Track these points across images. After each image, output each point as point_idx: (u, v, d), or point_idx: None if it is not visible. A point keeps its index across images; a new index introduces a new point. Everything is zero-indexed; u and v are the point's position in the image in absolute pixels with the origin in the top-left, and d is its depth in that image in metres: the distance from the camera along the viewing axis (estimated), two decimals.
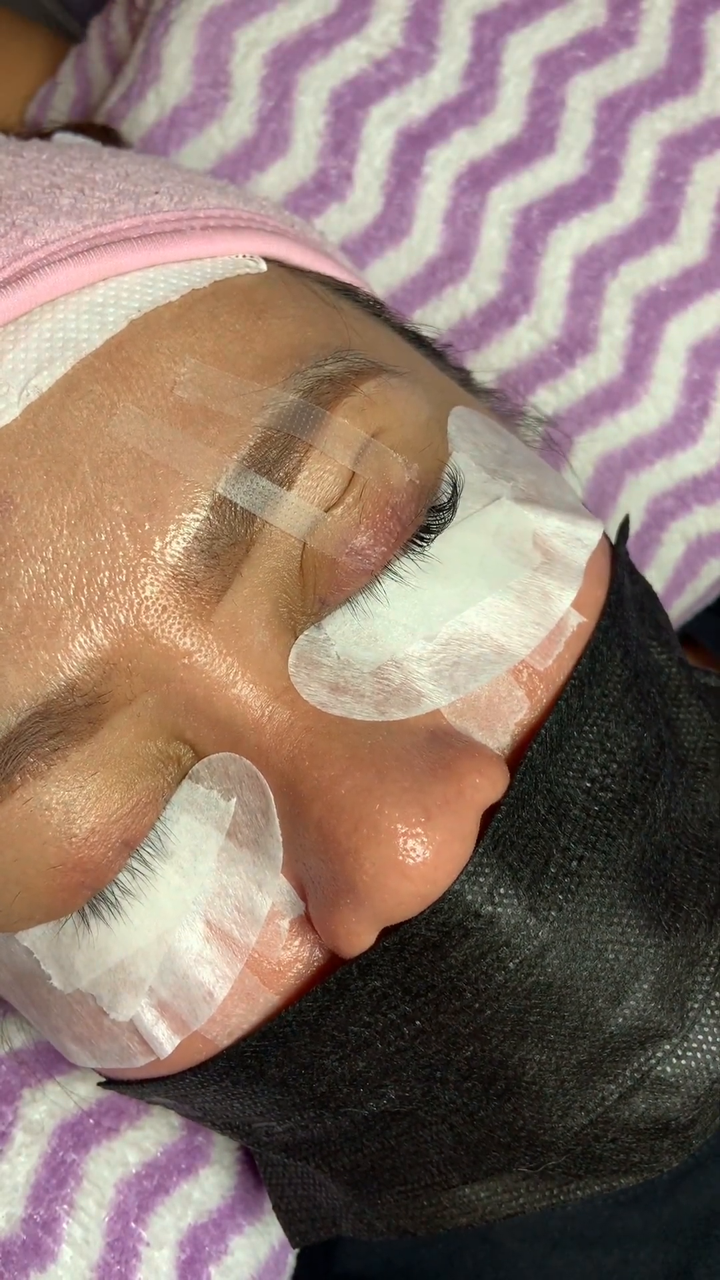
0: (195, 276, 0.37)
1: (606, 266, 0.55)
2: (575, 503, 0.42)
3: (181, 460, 0.34)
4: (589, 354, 0.56)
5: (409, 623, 0.36)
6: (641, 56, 0.56)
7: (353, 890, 0.33)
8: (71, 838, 0.35)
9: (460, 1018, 0.35)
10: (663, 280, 0.55)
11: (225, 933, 0.36)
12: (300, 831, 0.35)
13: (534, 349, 0.56)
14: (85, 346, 0.35)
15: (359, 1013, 0.35)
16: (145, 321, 0.36)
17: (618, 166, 0.55)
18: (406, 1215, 0.40)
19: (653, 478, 0.57)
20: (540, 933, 0.34)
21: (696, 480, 0.57)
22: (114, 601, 0.34)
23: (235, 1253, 0.49)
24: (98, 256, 0.36)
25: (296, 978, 0.36)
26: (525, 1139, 0.37)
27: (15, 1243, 0.45)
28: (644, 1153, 0.37)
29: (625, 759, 0.37)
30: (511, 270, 0.56)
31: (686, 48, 0.56)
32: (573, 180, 0.55)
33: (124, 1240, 0.46)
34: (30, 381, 0.35)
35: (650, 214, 0.55)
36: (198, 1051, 0.37)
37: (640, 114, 0.55)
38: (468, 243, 0.56)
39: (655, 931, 0.36)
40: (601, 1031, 0.36)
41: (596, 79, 0.56)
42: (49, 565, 0.34)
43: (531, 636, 0.37)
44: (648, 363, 0.56)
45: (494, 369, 0.57)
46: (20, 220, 0.37)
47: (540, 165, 0.55)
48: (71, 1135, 0.47)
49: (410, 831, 0.33)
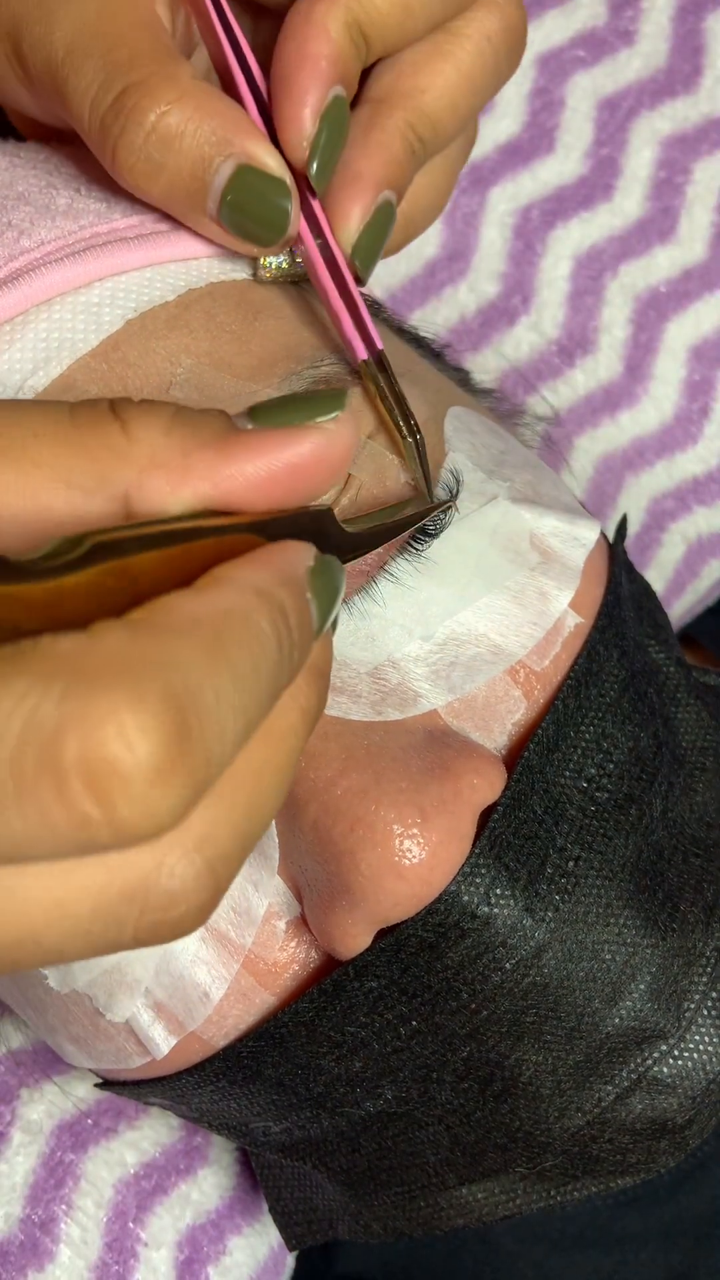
0: (192, 276, 0.37)
1: (606, 267, 0.55)
2: (573, 502, 0.42)
3: None
4: (589, 354, 0.56)
5: (406, 623, 0.36)
6: (641, 56, 0.56)
7: (349, 892, 0.33)
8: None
9: (456, 1018, 0.35)
10: (663, 280, 0.55)
11: (222, 933, 0.36)
12: (296, 833, 0.35)
13: (534, 349, 0.56)
14: (81, 347, 0.35)
15: (355, 1013, 0.35)
16: (142, 322, 0.36)
17: (617, 166, 0.55)
18: (403, 1216, 0.40)
19: (653, 478, 0.57)
20: (536, 933, 0.34)
21: (696, 481, 0.57)
22: None
23: (234, 1253, 0.49)
24: (94, 256, 0.36)
25: (293, 978, 0.36)
26: (522, 1140, 0.37)
27: (13, 1243, 0.45)
28: (641, 1153, 0.37)
29: (622, 759, 0.37)
30: (511, 271, 0.55)
31: (686, 47, 0.56)
32: (572, 180, 0.55)
33: (122, 1240, 0.46)
34: (26, 382, 0.35)
35: (650, 214, 0.55)
36: (194, 1052, 0.37)
37: (640, 113, 0.55)
38: (467, 243, 0.56)
39: (652, 932, 0.36)
40: (598, 1032, 0.36)
41: (596, 78, 0.56)
42: None
43: (528, 637, 0.37)
44: (648, 363, 0.56)
45: (494, 370, 0.57)
46: (17, 220, 0.37)
47: (540, 165, 0.55)
48: (70, 1135, 0.47)
49: (406, 833, 0.33)
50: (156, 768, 0.22)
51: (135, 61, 0.34)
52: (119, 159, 0.35)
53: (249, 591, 0.24)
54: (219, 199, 0.35)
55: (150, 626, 0.23)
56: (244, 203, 0.35)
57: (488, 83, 0.39)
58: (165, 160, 0.34)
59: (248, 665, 0.23)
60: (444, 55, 0.37)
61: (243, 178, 0.34)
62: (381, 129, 0.37)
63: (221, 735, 0.23)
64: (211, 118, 0.34)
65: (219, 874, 0.25)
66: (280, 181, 0.35)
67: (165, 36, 0.36)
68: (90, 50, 0.35)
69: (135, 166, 0.35)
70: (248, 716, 0.24)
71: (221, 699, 0.23)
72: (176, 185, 0.35)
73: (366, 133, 0.36)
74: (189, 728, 0.22)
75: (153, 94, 0.34)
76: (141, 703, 0.22)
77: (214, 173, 0.34)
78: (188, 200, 0.35)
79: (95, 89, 0.35)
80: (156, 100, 0.34)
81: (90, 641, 0.22)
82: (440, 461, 0.38)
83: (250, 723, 0.24)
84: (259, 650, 0.24)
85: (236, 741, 0.24)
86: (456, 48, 0.37)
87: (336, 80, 0.35)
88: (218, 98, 0.35)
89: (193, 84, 0.35)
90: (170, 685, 0.22)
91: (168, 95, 0.34)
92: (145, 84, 0.34)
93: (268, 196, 0.35)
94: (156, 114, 0.34)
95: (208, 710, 0.23)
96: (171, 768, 0.22)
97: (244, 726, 0.24)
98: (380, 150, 0.36)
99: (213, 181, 0.35)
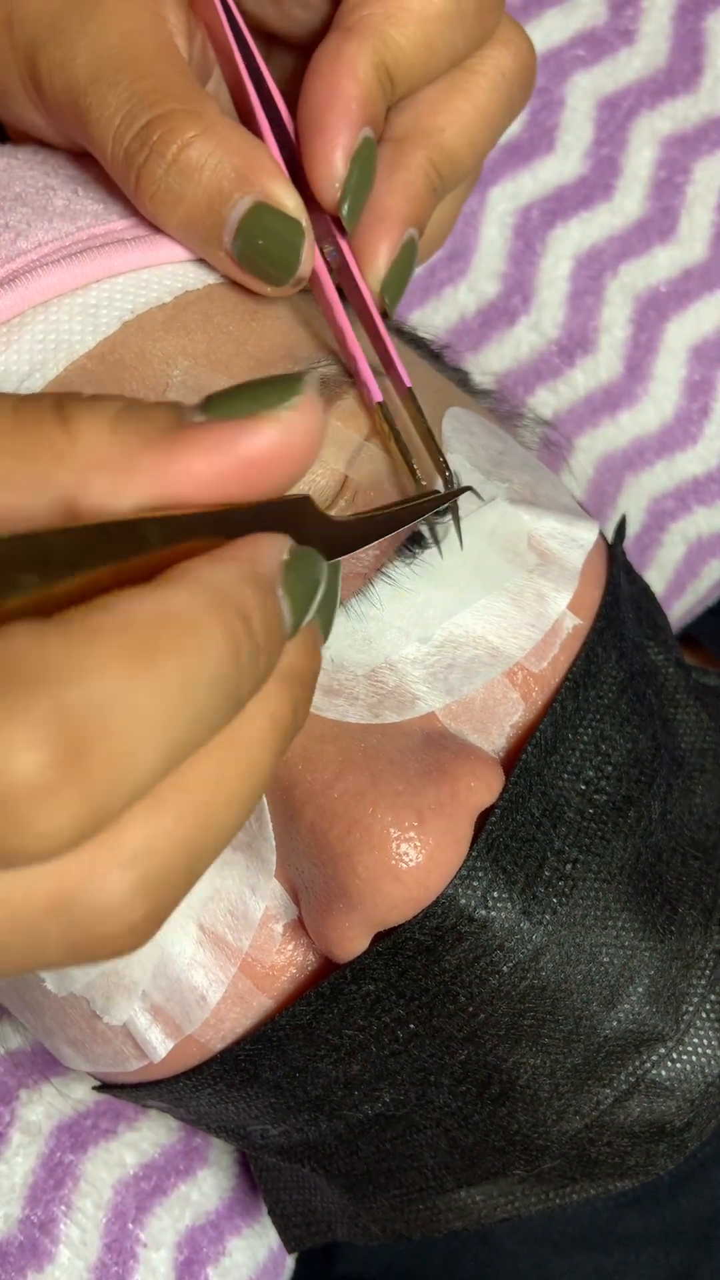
0: (189, 278, 0.37)
1: (606, 266, 0.55)
2: (571, 503, 0.42)
3: None
4: (589, 354, 0.56)
5: (403, 625, 0.36)
6: (642, 55, 0.56)
7: (346, 895, 0.33)
8: None
9: (454, 1021, 0.35)
10: (663, 280, 0.55)
11: (219, 936, 0.36)
12: (293, 835, 0.35)
13: (534, 349, 0.56)
14: (78, 348, 0.35)
15: (353, 1016, 0.35)
16: (138, 323, 0.36)
17: (617, 166, 0.55)
18: (402, 1219, 0.40)
19: (653, 478, 0.57)
20: (534, 936, 0.34)
21: (697, 481, 0.56)
22: None
23: (233, 1254, 0.49)
24: (91, 258, 0.36)
25: (290, 981, 0.36)
26: (520, 1143, 0.37)
27: (12, 1244, 0.45)
28: (640, 1156, 0.37)
29: (620, 761, 0.37)
30: (511, 270, 0.55)
31: (686, 46, 0.55)
32: (572, 180, 0.55)
33: (121, 1241, 0.46)
34: (22, 384, 0.35)
35: (650, 214, 0.55)
36: (191, 1055, 0.37)
37: (640, 113, 0.55)
38: (467, 243, 0.56)
39: (650, 935, 0.36)
40: (596, 1035, 0.36)
41: (596, 78, 0.55)
42: None
43: (526, 639, 0.37)
44: (648, 363, 0.55)
45: (493, 370, 0.56)
46: (13, 222, 0.37)
47: (540, 165, 0.55)
48: (69, 1136, 0.47)
49: (403, 836, 0.33)
50: (38, 787, 0.20)
51: (160, 93, 0.35)
52: (141, 187, 0.35)
53: (202, 591, 0.22)
54: (234, 233, 0.35)
55: (67, 629, 0.21)
56: (258, 240, 0.35)
57: (503, 119, 0.39)
58: (184, 191, 0.35)
59: (177, 675, 0.22)
60: (462, 93, 0.38)
61: (259, 215, 0.35)
62: (406, 168, 0.37)
63: (134, 752, 0.21)
64: (233, 154, 0.34)
65: (156, 890, 0.23)
66: (295, 222, 0.35)
67: (185, 65, 0.36)
68: (114, 80, 0.35)
69: (156, 195, 0.35)
70: (180, 731, 0.22)
71: (139, 713, 0.21)
72: (193, 217, 0.35)
73: (392, 172, 0.37)
74: (84, 744, 0.21)
75: (177, 127, 0.34)
76: (27, 716, 0.20)
77: (231, 207, 0.35)
78: (203, 233, 0.35)
79: (119, 120, 0.35)
80: (180, 133, 0.34)
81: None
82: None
83: (185, 738, 0.22)
84: (199, 658, 0.22)
85: (161, 758, 0.22)
86: (474, 85, 0.38)
87: (366, 122, 0.36)
88: (241, 134, 0.35)
89: (218, 119, 0.35)
90: (63, 698, 0.20)
91: (192, 129, 0.34)
92: (170, 117, 0.34)
93: (282, 235, 0.35)
94: (178, 145, 0.34)
95: (115, 725, 0.21)
96: (58, 787, 0.20)
97: (174, 741, 0.22)
98: (405, 189, 0.37)
99: (229, 216, 0.35)
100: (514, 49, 0.39)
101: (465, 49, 0.38)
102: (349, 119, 0.35)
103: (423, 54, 0.36)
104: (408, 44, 0.36)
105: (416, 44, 0.36)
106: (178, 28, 0.37)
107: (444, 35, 0.36)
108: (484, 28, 0.38)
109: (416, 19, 0.36)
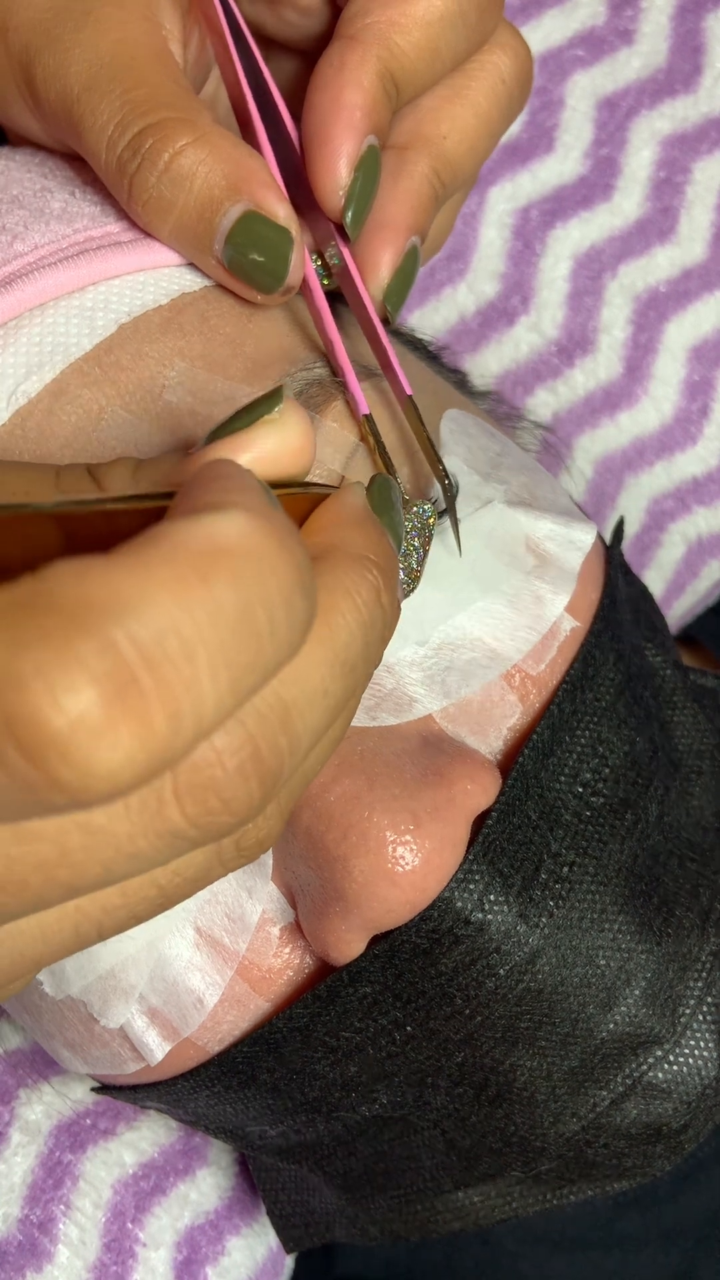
0: (185, 280, 0.37)
1: (606, 267, 0.55)
2: (569, 505, 0.42)
3: None
4: (588, 355, 0.56)
5: (401, 628, 0.36)
6: (641, 55, 0.56)
7: (342, 898, 0.33)
8: None
9: (451, 1024, 0.35)
10: (662, 280, 0.55)
11: (215, 940, 0.36)
12: (290, 838, 0.35)
13: (533, 350, 0.56)
14: (74, 351, 0.35)
15: (350, 1019, 0.35)
16: (135, 325, 0.36)
17: (617, 166, 0.55)
18: (400, 1220, 0.40)
19: (652, 479, 0.57)
20: (531, 939, 0.34)
21: (696, 481, 0.56)
22: None
23: (232, 1254, 0.49)
24: (88, 260, 0.36)
25: (287, 984, 0.36)
26: (517, 1144, 0.37)
27: (11, 1243, 0.45)
28: (636, 1158, 0.37)
29: (617, 763, 0.37)
30: (510, 271, 0.55)
31: (686, 46, 0.55)
32: (572, 180, 0.55)
33: (121, 1241, 0.46)
34: (19, 386, 0.35)
35: (650, 214, 0.55)
36: (189, 1058, 0.37)
37: (640, 113, 0.55)
38: (466, 243, 0.56)
39: (647, 937, 0.36)
40: (593, 1038, 0.36)
41: (596, 78, 0.55)
42: None
43: (524, 641, 0.37)
44: (647, 363, 0.55)
45: (493, 370, 0.56)
46: (10, 224, 0.37)
47: (539, 165, 0.55)
48: (68, 1136, 0.47)
49: (399, 839, 0.33)
50: (92, 728, 0.20)
51: (153, 102, 0.35)
52: (134, 194, 0.35)
53: (246, 508, 0.22)
54: (224, 241, 0.35)
55: (111, 563, 0.20)
56: (248, 248, 0.35)
57: (502, 124, 0.40)
58: (176, 199, 0.35)
59: (232, 598, 0.21)
60: (462, 99, 0.38)
61: (249, 223, 0.35)
62: (409, 176, 0.38)
63: (200, 683, 0.20)
64: (224, 162, 0.35)
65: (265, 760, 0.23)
66: (285, 231, 0.35)
67: (179, 72, 0.36)
68: (108, 89, 0.35)
69: (149, 203, 0.35)
70: (247, 655, 0.21)
71: (195, 642, 0.20)
72: (185, 224, 0.35)
73: (395, 180, 0.37)
74: (136, 681, 0.20)
75: (169, 135, 0.34)
76: (72, 656, 0.19)
77: (222, 215, 0.35)
78: (195, 240, 0.36)
79: (112, 128, 0.35)
80: (172, 141, 0.34)
81: (33, 586, 0.20)
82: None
83: (252, 661, 0.21)
84: (254, 581, 0.21)
85: (239, 684, 0.21)
86: (473, 90, 0.39)
87: (370, 130, 0.36)
88: (233, 142, 0.35)
89: (210, 128, 0.35)
90: (109, 635, 0.20)
91: (184, 137, 0.34)
92: (162, 125, 0.35)
93: (272, 244, 0.35)
94: (170, 153, 0.34)
95: (171, 658, 0.20)
96: (112, 726, 0.20)
97: (241, 667, 0.21)
98: (408, 197, 0.37)
99: (220, 224, 0.35)
100: (512, 53, 0.39)
101: (467, 50, 0.38)
102: (353, 127, 0.35)
103: (427, 59, 0.37)
104: (412, 50, 0.36)
105: (420, 49, 0.36)
106: (173, 33, 0.37)
107: (447, 39, 0.37)
108: (484, 29, 0.38)
109: (420, 24, 0.36)
